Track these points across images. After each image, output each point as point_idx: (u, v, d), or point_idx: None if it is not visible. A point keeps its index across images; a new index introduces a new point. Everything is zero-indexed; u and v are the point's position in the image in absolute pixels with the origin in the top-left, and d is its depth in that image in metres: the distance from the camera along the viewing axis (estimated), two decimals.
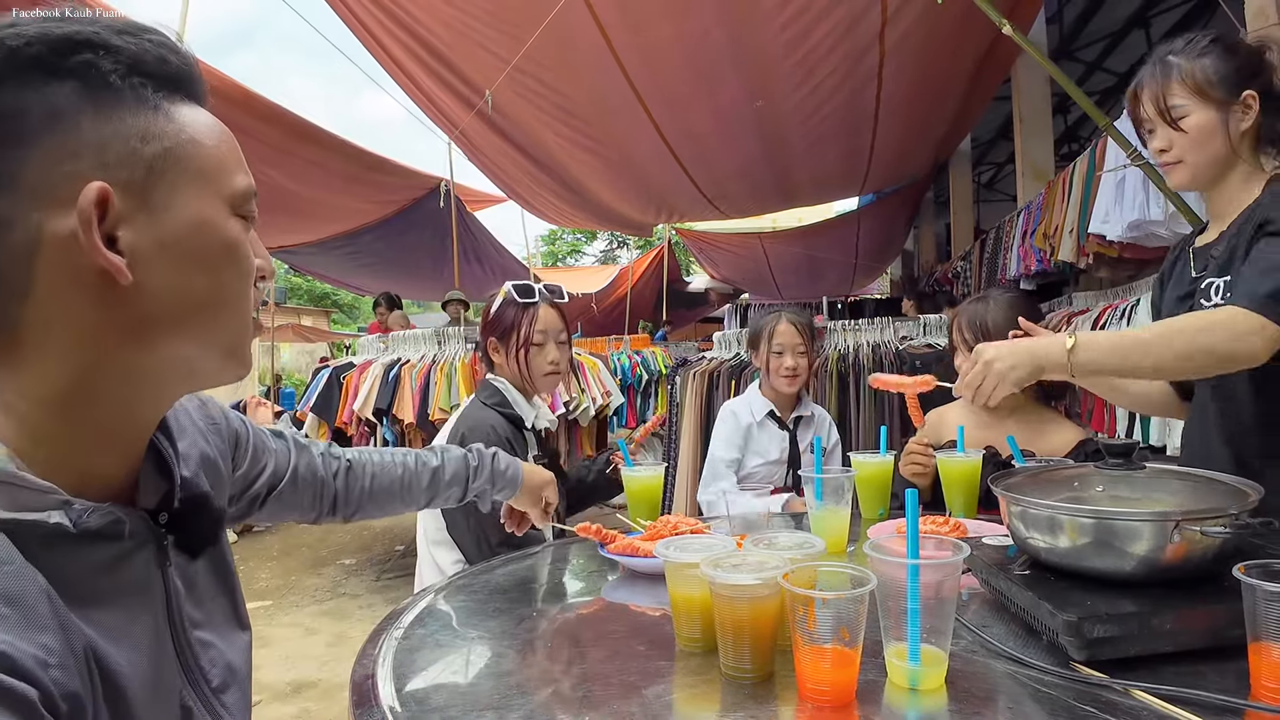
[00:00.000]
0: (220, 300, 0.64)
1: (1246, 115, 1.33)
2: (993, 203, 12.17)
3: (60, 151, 0.56)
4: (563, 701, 0.90)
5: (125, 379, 0.61)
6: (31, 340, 0.57)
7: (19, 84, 0.55)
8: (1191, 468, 1.18)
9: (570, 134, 5.54)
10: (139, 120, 0.59)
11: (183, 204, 0.61)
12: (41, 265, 0.56)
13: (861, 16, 4.16)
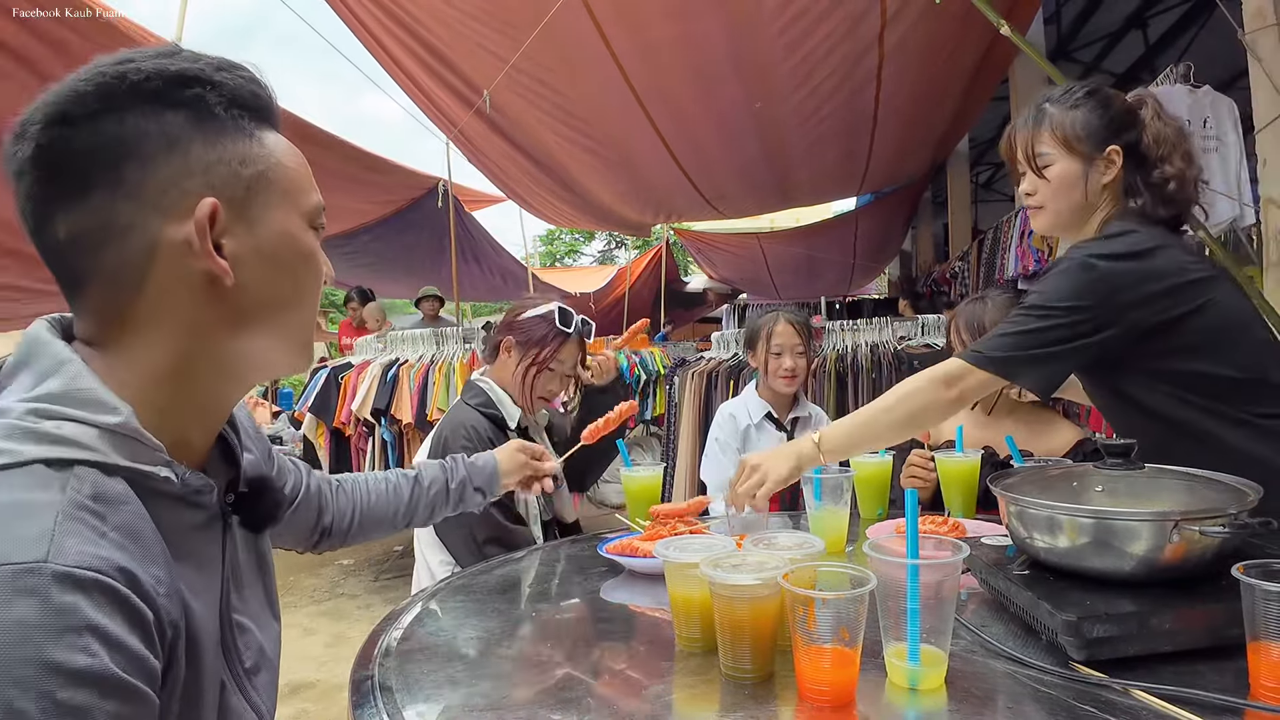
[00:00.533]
0: (299, 299, 0.75)
1: (1109, 169, 1.38)
2: (990, 203, 12.17)
3: (176, 171, 0.66)
4: (562, 701, 0.90)
5: (217, 364, 0.71)
6: (141, 328, 0.67)
7: (140, 113, 0.65)
8: (1190, 468, 1.18)
9: (570, 134, 5.54)
10: (238, 146, 0.69)
11: (273, 218, 0.71)
12: (157, 266, 0.66)
13: (861, 18, 4.16)
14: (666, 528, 1.44)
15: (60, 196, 0.65)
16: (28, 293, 5.64)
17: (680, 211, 8.07)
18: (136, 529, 0.60)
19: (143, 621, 0.57)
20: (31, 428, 0.60)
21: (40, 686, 0.49)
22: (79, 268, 0.66)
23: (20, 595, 0.51)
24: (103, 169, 0.64)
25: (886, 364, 3.84)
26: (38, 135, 0.64)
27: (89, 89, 0.64)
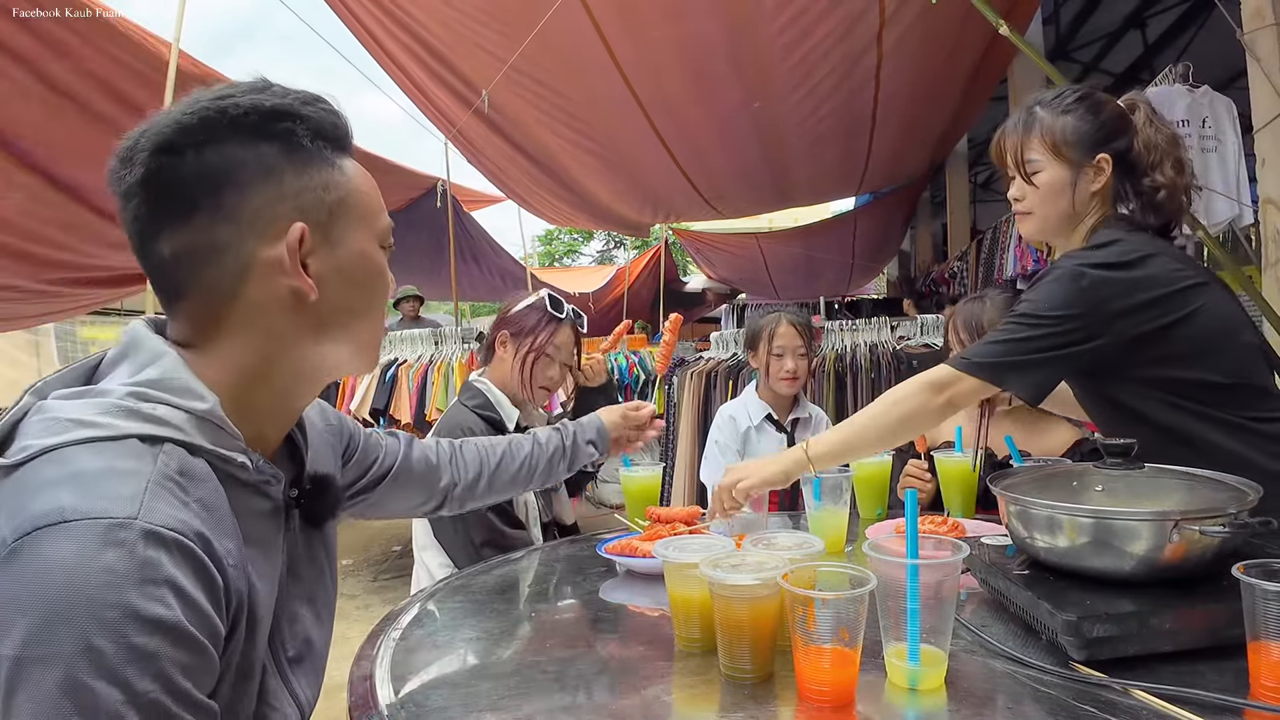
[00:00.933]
0: (370, 310, 0.83)
1: (1098, 177, 1.37)
2: (989, 203, 12.16)
3: (270, 197, 0.73)
4: (562, 702, 0.90)
5: (294, 368, 0.78)
6: (231, 334, 0.74)
7: (238, 144, 0.72)
8: (1190, 468, 1.18)
9: (568, 134, 5.53)
10: (322, 174, 0.76)
11: (351, 239, 0.79)
12: (249, 281, 0.73)
13: (860, 18, 4.15)
14: (666, 528, 1.44)
15: (166, 218, 0.72)
16: (29, 293, 5.63)
17: (679, 211, 8.05)
18: (214, 504, 0.68)
19: (213, 585, 0.63)
20: (131, 407, 0.67)
21: (119, 628, 0.56)
22: (180, 281, 0.73)
23: (111, 545, 0.58)
24: (205, 194, 0.71)
25: (885, 364, 3.84)
26: (146, 161, 0.70)
27: (193, 121, 0.71)
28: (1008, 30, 2.48)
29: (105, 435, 0.65)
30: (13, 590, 0.56)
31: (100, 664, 0.55)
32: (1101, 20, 7.51)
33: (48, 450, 0.63)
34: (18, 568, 0.57)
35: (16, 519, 0.59)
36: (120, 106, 3.83)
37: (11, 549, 0.57)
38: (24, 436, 0.66)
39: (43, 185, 4.32)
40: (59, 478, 0.61)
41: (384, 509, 1.19)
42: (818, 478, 1.48)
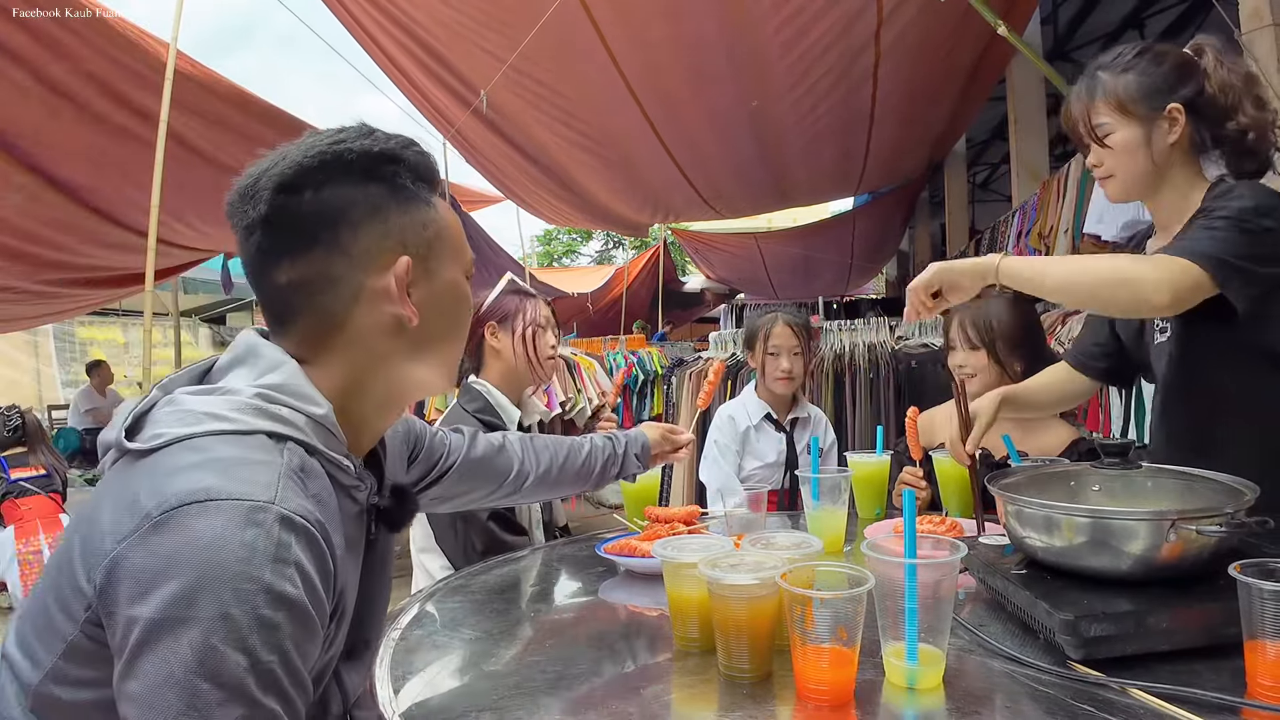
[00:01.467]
0: (457, 335, 0.90)
1: (1173, 128, 1.33)
2: (988, 203, 12.17)
3: (379, 233, 0.80)
4: (561, 701, 0.90)
5: (389, 385, 0.85)
6: (336, 353, 0.81)
7: (351, 185, 0.79)
8: (1188, 467, 1.19)
9: (567, 132, 5.53)
10: (421, 212, 0.84)
11: (445, 270, 0.86)
12: (358, 308, 0.81)
13: (857, 17, 4.16)
14: (665, 528, 1.44)
15: (286, 251, 0.79)
16: (28, 294, 5.63)
17: (678, 211, 8.05)
18: (325, 500, 0.75)
19: (327, 572, 0.70)
20: (259, 406, 0.74)
21: (252, 600, 0.62)
22: (294, 306, 0.80)
23: (251, 525, 0.64)
24: (323, 230, 0.78)
25: (884, 364, 3.84)
26: (270, 199, 0.77)
27: (313, 164, 0.78)
28: (1006, 30, 2.49)
29: (237, 429, 0.72)
30: (158, 558, 0.62)
31: (232, 631, 0.60)
32: (1100, 20, 7.51)
33: (183, 439, 0.70)
34: (164, 537, 0.63)
35: (160, 494, 0.65)
36: (118, 106, 3.83)
37: (157, 521, 0.63)
38: (155, 425, 0.72)
39: (41, 185, 4.31)
40: (199, 461, 0.68)
41: (451, 502, 1.27)
42: (816, 478, 1.49)
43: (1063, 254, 4.09)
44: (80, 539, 0.68)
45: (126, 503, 0.66)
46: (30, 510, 4.28)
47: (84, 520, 0.70)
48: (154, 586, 0.61)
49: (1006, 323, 1.86)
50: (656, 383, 6.99)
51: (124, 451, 0.73)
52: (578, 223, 9.46)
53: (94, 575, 0.65)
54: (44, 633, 0.69)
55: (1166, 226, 1.43)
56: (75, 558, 0.68)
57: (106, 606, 0.63)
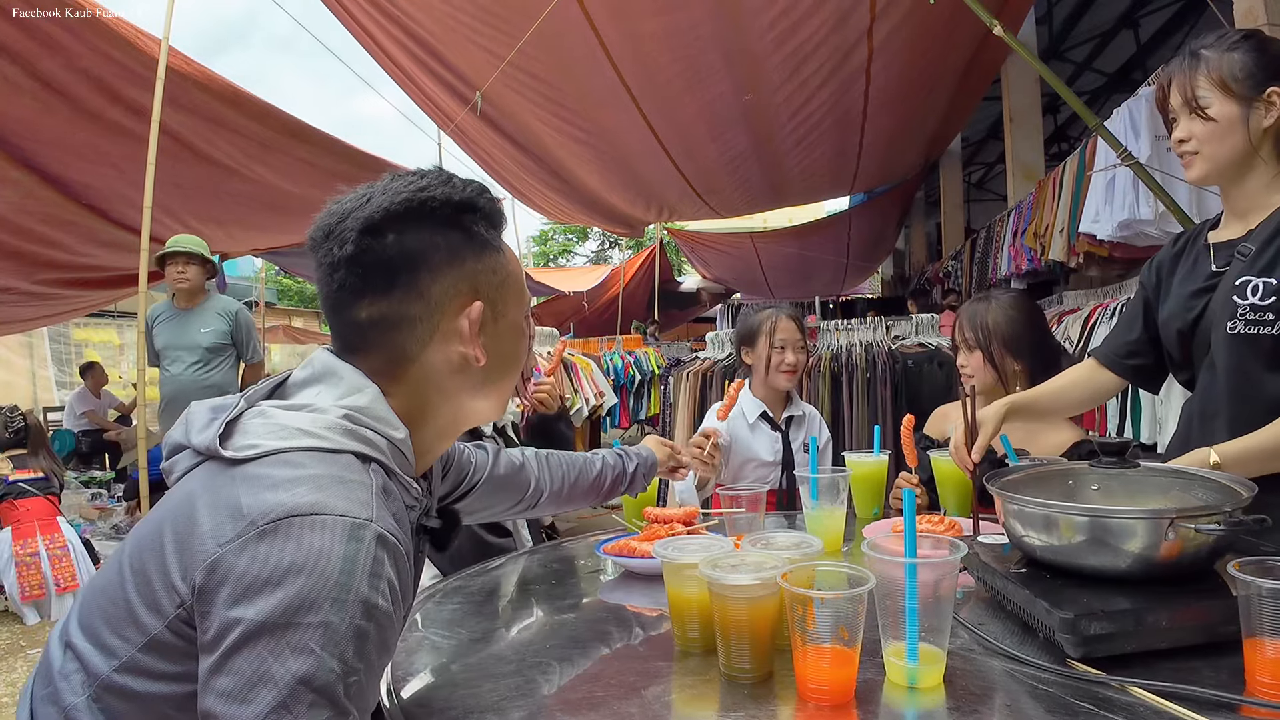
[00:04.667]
0: (514, 371, 0.93)
1: (1269, 112, 1.34)
2: (983, 202, 12.21)
3: (455, 278, 0.84)
4: (561, 702, 0.90)
5: (452, 415, 0.90)
6: (406, 385, 0.85)
7: (432, 231, 0.83)
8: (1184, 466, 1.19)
9: (561, 125, 5.53)
10: (492, 258, 0.87)
11: (510, 313, 0.90)
12: (430, 347, 0.85)
13: (850, 12, 4.17)
14: (664, 528, 1.44)
15: (369, 290, 0.82)
16: (25, 295, 5.61)
17: (672, 206, 8.05)
18: (401, 519, 0.79)
19: (406, 586, 0.76)
20: (349, 427, 0.78)
21: (351, 610, 0.66)
22: (370, 340, 0.84)
23: (354, 540, 0.68)
24: (404, 273, 0.82)
25: (881, 363, 3.85)
26: (356, 240, 0.81)
27: (399, 209, 0.81)
28: (1000, 30, 2.49)
29: (328, 446, 0.76)
30: (264, 565, 0.66)
31: (330, 637, 0.64)
32: (1094, 20, 7.54)
33: (278, 451, 0.74)
34: (270, 546, 0.66)
35: (265, 504, 0.69)
36: (112, 103, 3.82)
37: (263, 529, 0.67)
38: (248, 435, 0.77)
39: (35, 182, 4.30)
40: (299, 477, 0.72)
41: (476, 515, 1.30)
42: (814, 477, 1.49)
43: (1059, 252, 4.10)
44: (174, 537, 0.71)
45: (228, 509, 0.70)
46: (28, 512, 4.26)
47: (176, 517, 0.73)
48: (258, 591, 0.65)
49: (1003, 322, 1.87)
50: (654, 382, 7.01)
51: (210, 456, 0.77)
52: (573, 218, 9.45)
53: (191, 575, 0.68)
54: (122, 625, 0.72)
55: (1243, 216, 1.42)
56: (169, 555, 0.71)
57: (203, 606, 0.67)
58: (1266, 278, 1.32)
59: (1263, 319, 1.33)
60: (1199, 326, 1.44)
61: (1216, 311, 1.39)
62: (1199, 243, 1.50)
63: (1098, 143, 3.59)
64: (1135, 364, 1.60)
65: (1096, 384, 1.65)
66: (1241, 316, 1.35)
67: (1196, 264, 1.48)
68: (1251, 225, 1.39)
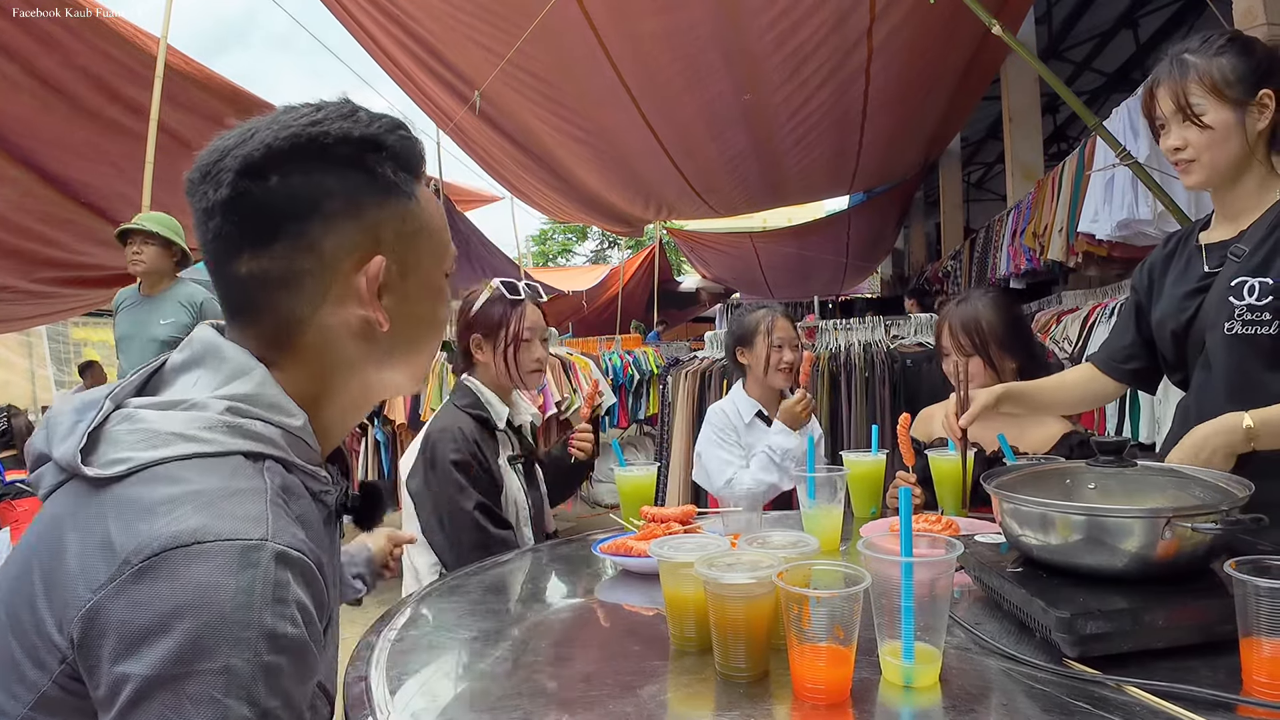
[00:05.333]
0: (431, 338, 0.83)
1: (1263, 115, 1.34)
2: (982, 202, 12.21)
3: (353, 229, 0.73)
4: (557, 702, 0.90)
5: (359, 389, 0.79)
6: (300, 356, 0.75)
7: (326, 173, 0.71)
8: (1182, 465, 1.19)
9: (560, 124, 5.54)
10: (401, 206, 0.76)
11: (423, 269, 0.79)
12: (323, 309, 0.73)
13: (849, 13, 4.17)
14: (661, 527, 1.44)
15: (248, 242, 0.71)
16: (23, 294, 5.61)
17: (671, 205, 8.05)
18: (309, 519, 0.70)
19: (322, 600, 0.66)
20: (233, 423, 0.68)
21: (254, 647, 0.57)
22: (254, 301, 0.73)
23: (247, 567, 0.59)
24: (290, 222, 0.71)
25: (880, 363, 3.85)
26: (233, 183, 0.69)
27: (284, 146, 0.70)
28: (1000, 30, 2.49)
29: (210, 451, 0.66)
30: (147, 611, 0.57)
31: (235, 682, 0.56)
32: (1094, 20, 7.54)
33: (151, 464, 0.64)
34: (150, 587, 0.57)
35: (140, 537, 0.59)
36: (111, 101, 3.82)
37: (139, 568, 0.58)
38: (115, 447, 0.65)
39: (33, 180, 4.30)
40: (178, 496, 0.62)
41: None
42: (812, 476, 1.48)
43: (1058, 251, 4.10)
44: (43, 577, 0.62)
45: (97, 543, 0.60)
46: (26, 512, 4.26)
47: (42, 551, 0.63)
48: (144, 642, 0.56)
49: (995, 322, 1.87)
50: (652, 382, 7.00)
51: (74, 474, 0.65)
52: (573, 217, 9.45)
53: (67, 627, 0.59)
54: (9, 680, 0.62)
55: (1235, 218, 1.42)
56: (39, 600, 0.61)
57: (87, 661, 0.58)
58: (1262, 278, 1.33)
59: (1260, 319, 1.33)
60: (1193, 327, 1.44)
61: (1211, 312, 1.39)
62: (1190, 244, 1.51)
63: (1097, 142, 3.59)
64: (1133, 368, 1.61)
65: (1094, 388, 1.66)
66: (1239, 317, 1.35)
67: (1189, 265, 1.48)
68: (1243, 226, 1.39)
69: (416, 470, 1.82)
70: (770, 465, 2.23)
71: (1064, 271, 4.83)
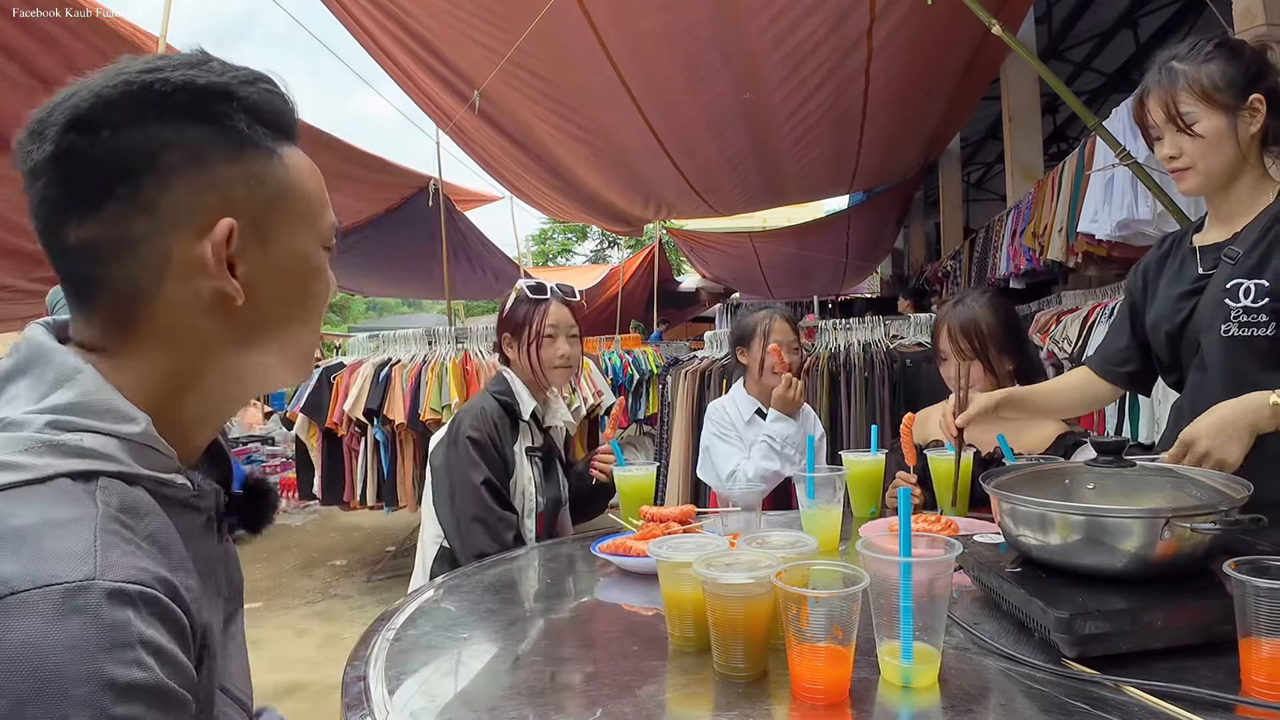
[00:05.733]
0: (305, 318, 0.74)
1: (1254, 119, 1.34)
2: (982, 202, 12.21)
3: (195, 188, 0.64)
4: (556, 702, 0.90)
5: (222, 378, 0.70)
6: (149, 340, 0.66)
7: (163, 126, 0.63)
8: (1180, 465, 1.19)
9: (559, 122, 5.53)
10: (258, 164, 0.68)
11: (287, 238, 0.70)
12: (168, 282, 0.65)
13: (849, 12, 4.17)
14: (660, 527, 1.44)
15: (75, 204, 0.63)
16: (22, 294, 5.60)
17: (671, 204, 8.05)
18: (164, 538, 0.61)
19: (182, 630, 0.58)
20: (53, 441, 0.59)
21: (96, 703, 0.49)
22: (88, 275, 0.65)
23: (72, 614, 0.51)
24: (122, 181, 0.63)
25: (879, 362, 3.85)
26: (57, 138, 0.62)
27: (114, 95, 0.62)
28: (1000, 30, 2.49)
29: (28, 478, 0.57)
30: None
31: None
32: (1094, 20, 7.54)
33: None
34: None
35: None
36: None
37: None
38: None
39: None
40: None
41: None
42: (811, 476, 1.48)
43: (1057, 251, 4.10)
44: None
45: None
46: None
47: None
48: None
49: (994, 323, 1.87)
50: (652, 382, 7.00)
51: None
52: (572, 216, 9.44)
53: None
54: None
55: (1229, 220, 1.42)
56: None
57: None
58: (1258, 279, 1.33)
59: (1256, 320, 1.33)
60: (1187, 329, 1.45)
61: (1206, 314, 1.40)
62: (1184, 246, 1.51)
63: (1096, 142, 3.59)
64: (1128, 371, 1.61)
65: (1091, 391, 1.67)
66: (1235, 319, 1.35)
67: (1183, 267, 1.49)
68: (1236, 229, 1.40)
69: (440, 445, 1.93)
70: (771, 453, 2.26)
71: (1063, 271, 4.83)
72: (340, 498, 4.70)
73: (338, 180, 5.73)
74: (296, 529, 6.45)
